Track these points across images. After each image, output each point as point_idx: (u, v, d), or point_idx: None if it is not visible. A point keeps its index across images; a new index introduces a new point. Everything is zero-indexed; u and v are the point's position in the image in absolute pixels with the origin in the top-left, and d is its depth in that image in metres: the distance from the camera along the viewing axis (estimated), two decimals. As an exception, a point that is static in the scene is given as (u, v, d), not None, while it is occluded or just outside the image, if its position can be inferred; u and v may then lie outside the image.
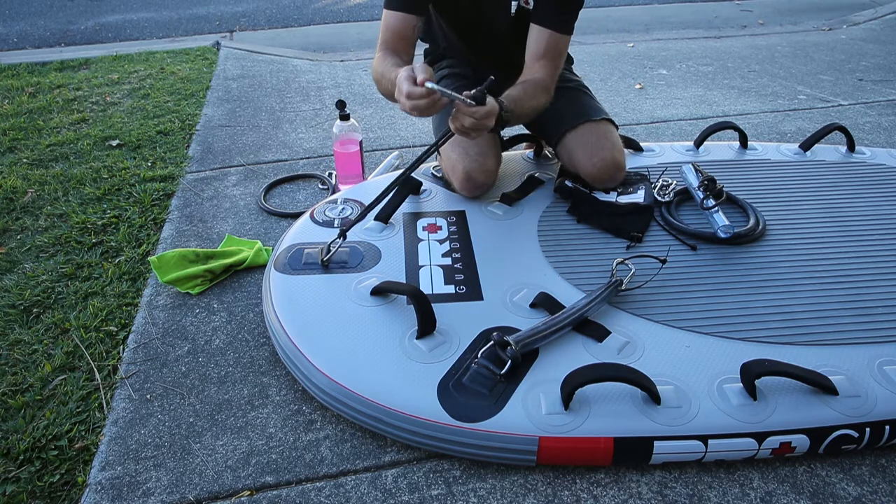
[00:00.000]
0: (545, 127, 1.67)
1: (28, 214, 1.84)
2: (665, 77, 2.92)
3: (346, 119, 1.79)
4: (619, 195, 1.60)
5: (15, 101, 2.72)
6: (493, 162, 1.58)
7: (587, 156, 1.56)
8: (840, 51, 3.32)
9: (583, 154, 1.57)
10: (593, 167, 1.56)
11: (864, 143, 2.17)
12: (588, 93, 1.72)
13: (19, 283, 1.54)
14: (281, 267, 1.36)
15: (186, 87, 2.82)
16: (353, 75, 2.97)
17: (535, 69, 1.46)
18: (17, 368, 1.29)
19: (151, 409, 1.16)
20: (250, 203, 1.83)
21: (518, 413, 1.01)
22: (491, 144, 1.58)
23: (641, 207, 1.54)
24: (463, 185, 1.56)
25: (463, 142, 1.53)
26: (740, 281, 1.32)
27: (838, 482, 1.00)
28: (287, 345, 1.17)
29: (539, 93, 1.44)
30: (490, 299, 1.27)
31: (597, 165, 1.56)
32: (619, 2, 4.94)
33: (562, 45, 1.49)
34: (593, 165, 1.56)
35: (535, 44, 1.48)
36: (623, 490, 0.99)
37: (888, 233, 1.48)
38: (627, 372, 1.03)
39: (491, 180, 1.59)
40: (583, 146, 1.57)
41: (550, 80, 1.48)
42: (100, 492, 1.00)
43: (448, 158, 1.58)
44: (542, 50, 1.46)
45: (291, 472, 1.03)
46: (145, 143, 2.27)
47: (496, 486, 1.00)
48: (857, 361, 1.11)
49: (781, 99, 2.62)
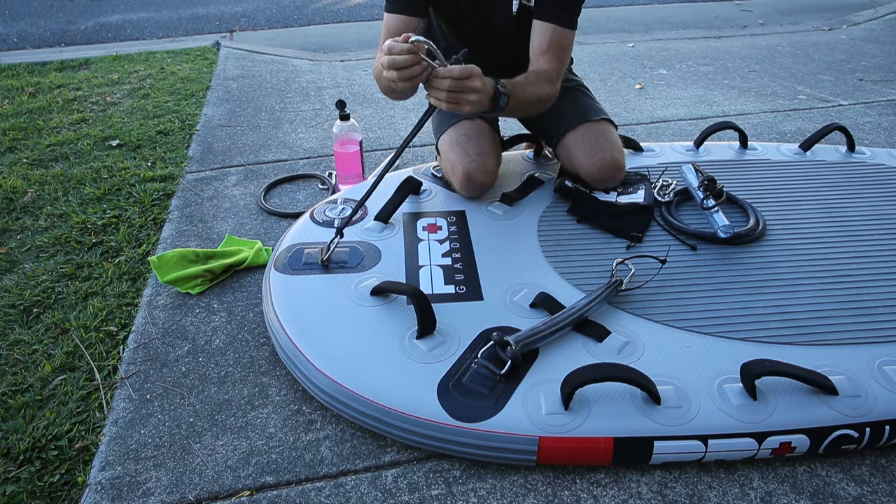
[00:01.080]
0: (545, 126, 1.67)
1: (28, 214, 1.84)
2: (665, 77, 2.92)
3: (346, 119, 1.79)
4: (619, 195, 1.60)
5: (15, 101, 2.72)
6: (493, 162, 1.58)
7: (587, 156, 1.56)
8: (840, 51, 3.32)
9: (582, 154, 1.57)
10: (593, 167, 1.56)
11: (864, 143, 2.17)
12: (588, 93, 1.72)
13: (19, 283, 1.54)
14: (281, 267, 1.36)
15: (186, 87, 2.82)
16: (353, 75, 2.97)
17: (540, 63, 1.45)
18: (17, 368, 1.29)
19: (151, 409, 1.16)
20: (250, 203, 1.83)
21: (518, 413, 1.01)
22: (491, 144, 1.58)
23: (641, 207, 1.54)
24: (463, 185, 1.57)
25: (462, 142, 1.54)
26: (740, 281, 1.32)
27: (838, 482, 1.00)
28: (287, 345, 1.17)
29: (542, 81, 1.41)
30: (490, 299, 1.27)
31: (596, 165, 1.56)
32: (619, 2, 4.94)
33: (566, 40, 1.47)
34: (593, 165, 1.56)
35: (539, 39, 1.46)
36: (623, 490, 0.99)
37: (888, 233, 1.48)
38: (627, 372, 1.03)
39: (491, 180, 1.59)
40: (582, 146, 1.57)
41: (556, 73, 1.45)
42: (100, 492, 1.00)
43: (448, 159, 1.58)
44: (546, 45, 1.45)
45: (291, 472, 1.03)
46: (145, 143, 2.27)
47: (496, 486, 1.00)
48: (857, 361, 1.11)
49: (781, 99, 2.62)
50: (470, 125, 1.57)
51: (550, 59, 1.45)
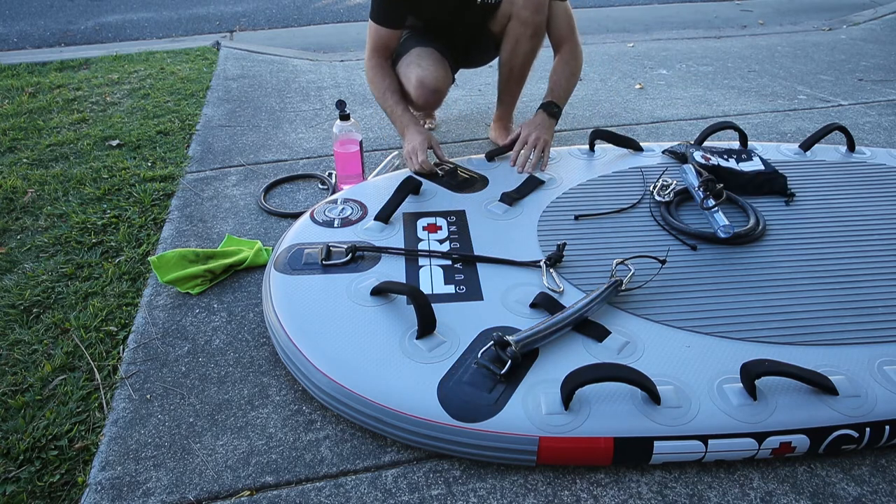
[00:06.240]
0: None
1: (28, 214, 1.84)
2: (665, 77, 2.92)
3: (346, 119, 1.79)
4: (738, 163, 1.70)
5: (15, 101, 2.72)
6: (443, 74, 1.83)
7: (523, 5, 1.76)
8: (840, 51, 3.32)
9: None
10: (525, 8, 1.74)
11: (864, 143, 2.17)
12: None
13: (19, 283, 1.54)
14: (281, 267, 1.36)
15: (186, 87, 2.82)
16: (353, 75, 2.97)
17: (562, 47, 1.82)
18: (17, 368, 1.29)
19: (151, 409, 1.16)
20: (250, 203, 1.83)
21: (518, 413, 1.01)
22: (440, 62, 1.83)
23: (768, 172, 1.65)
24: (417, 90, 1.77)
25: (416, 60, 1.80)
26: (740, 281, 1.32)
27: (838, 482, 1.00)
28: (287, 345, 1.17)
29: (569, 64, 1.83)
30: (490, 299, 1.27)
31: (529, 7, 1.74)
32: (619, 2, 4.94)
33: (568, 12, 1.80)
34: (525, 7, 1.74)
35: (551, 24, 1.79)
36: (623, 490, 0.99)
37: (888, 233, 1.48)
38: (627, 372, 1.03)
39: (441, 87, 1.82)
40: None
41: (575, 45, 1.82)
42: (100, 492, 1.00)
43: (404, 74, 1.81)
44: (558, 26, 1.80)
45: (291, 472, 1.03)
46: (145, 143, 2.27)
47: (496, 486, 1.00)
48: (857, 361, 1.11)
49: (781, 99, 2.62)
50: (422, 50, 1.83)
51: (565, 37, 1.81)
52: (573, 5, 1.82)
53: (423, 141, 1.72)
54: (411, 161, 1.71)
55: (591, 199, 1.62)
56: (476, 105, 2.56)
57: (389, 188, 1.59)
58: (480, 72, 2.31)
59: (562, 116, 1.87)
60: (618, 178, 1.73)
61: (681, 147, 1.81)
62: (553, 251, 1.38)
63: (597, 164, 1.80)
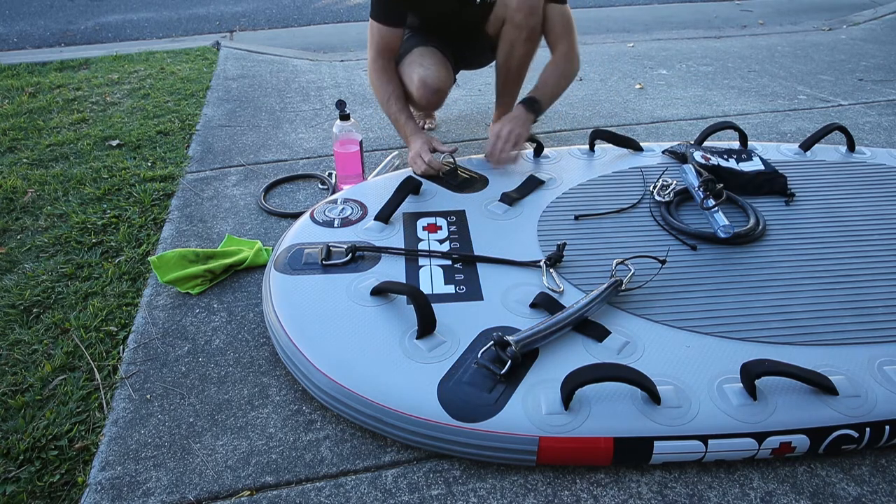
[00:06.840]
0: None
1: (28, 214, 1.84)
2: (665, 77, 2.92)
3: (346, 119, 1.79)
4: (738, 163, 1.71)
5: (15, 101, 2.72)
6: (445, 73, 1.84)
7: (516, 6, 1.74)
8: (840, 51, 3.32)
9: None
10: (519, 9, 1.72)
11: (864, 143, 2.17)
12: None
13: (19, 283, 1.54)
14: (281, 267, 1.36)
15: (186, 87, 2.82)
16: (353, 75, 2.97)
17: (558, 47, 1.78)
18: (17, 368, 1.29)
19: (151, 409, 1.16)
20: (250, 203, 1.83)
21: (518, 413, 1.01)
22: (442, 62, 1.85)
23: (768, 172, 1.66)
24: (419, 89, 1.78)
25: (418, 60, 1.81)
26: (740, 281, 1.32)
27: (838, 482, 1.00)
28: (287, 345, 1.17)
29: (561, 66, 1.79)
30: (490, 299, 1.27)
31: (522, 9, 1.72)
32: (619, 2, 4.94)
33: (566, 15, 1.77)
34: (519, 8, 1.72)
35: (547, 24, 1.75)
36: (623, 490, 0.99)
37: (888, 233, 1.48)
38: (627, 372, 1.03)
39: (443, 87, 1.83)
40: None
41: (571, 50, 1.78)
42: (100, 492, 1.00)
43: (406, 74, 1.81)
44: (553, 27, 1.76)
45: (291, 472, 1.03)
46: (145, 143, 2.27)
47: (496, 486, 1.00)
48: (857, 361, 1.11)
49: (781, 99, 2.62)
50: (424, 49, 1.84)
51: (560, 40, 1.78)
52: (573, 5, 1.82)
53: (424, 143, 1.73)
54: (416, 164, 1.71)
55: (591, 199, 1.62)
56: (476, 105, 2.57)
57: (389, 188, 1.59)
58: (480, 72, 2.31)
59: (562, 116, 1.87)
60: (618, 178, 1.73)
61: (681, 147, 1.81)
62: (553, 251, 1.38)
63: (597, 164, 1.80)
